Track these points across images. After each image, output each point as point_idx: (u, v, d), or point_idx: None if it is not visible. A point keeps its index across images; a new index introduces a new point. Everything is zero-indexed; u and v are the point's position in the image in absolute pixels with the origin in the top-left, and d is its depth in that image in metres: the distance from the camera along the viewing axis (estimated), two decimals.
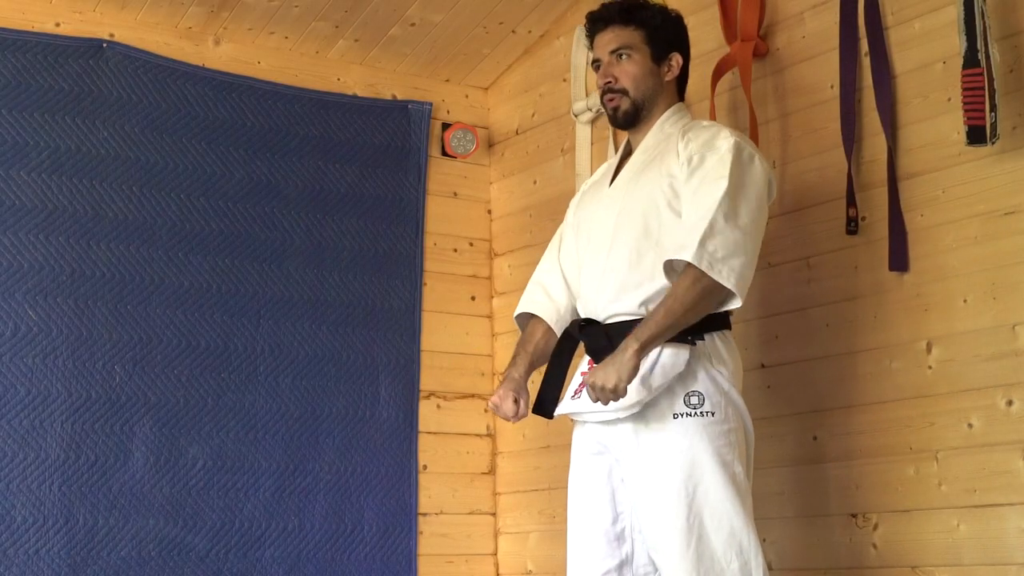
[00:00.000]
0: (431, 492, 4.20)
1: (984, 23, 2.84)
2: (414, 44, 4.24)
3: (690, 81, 3.85)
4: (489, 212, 4.49)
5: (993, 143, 2.84)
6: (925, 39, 3.13)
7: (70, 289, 3.70)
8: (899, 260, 3.11)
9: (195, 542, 3.77)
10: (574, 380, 2.93)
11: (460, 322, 4.38)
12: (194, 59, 4.01)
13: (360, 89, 4.31)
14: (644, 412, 2.75)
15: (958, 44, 2.89)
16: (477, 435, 4.34)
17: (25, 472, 3.56)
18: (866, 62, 3.23)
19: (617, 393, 2.65)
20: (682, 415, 2.74)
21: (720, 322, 2.83)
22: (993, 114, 2.82)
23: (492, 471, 4.34)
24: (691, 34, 3.78)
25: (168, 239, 3.87)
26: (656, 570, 2.82)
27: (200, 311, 3.88)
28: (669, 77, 3.05)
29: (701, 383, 2.76)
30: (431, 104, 4.40)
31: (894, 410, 3.11)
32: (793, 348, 3.36)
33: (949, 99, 3.05)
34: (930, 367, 3.05)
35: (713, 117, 3.53)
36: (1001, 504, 2.88)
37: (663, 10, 3.10)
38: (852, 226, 3.22)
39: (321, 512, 3.97)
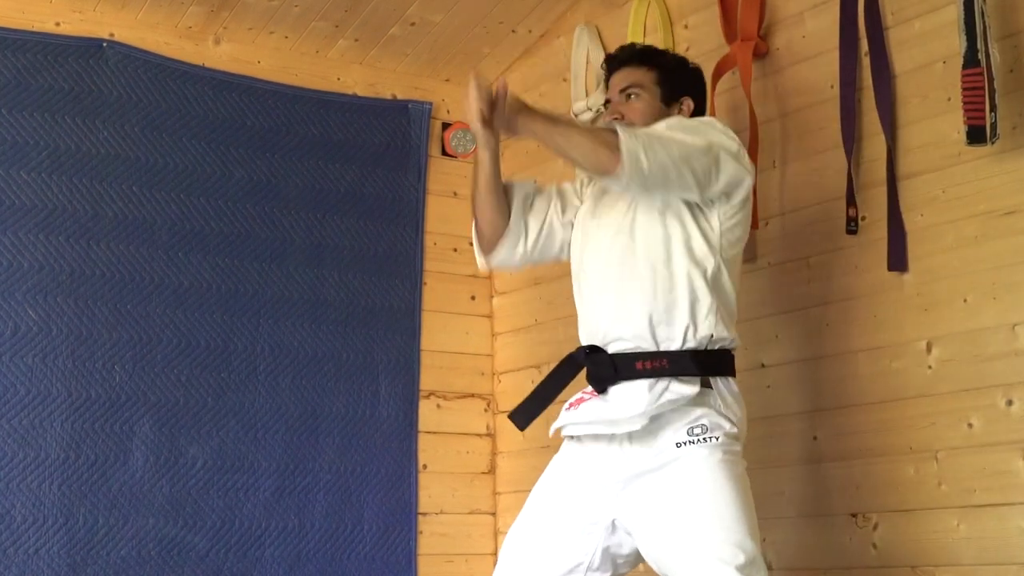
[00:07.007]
0: (431, 492, 4.20)
1: (984, 23, 2.83)
2: (414, 44, 4.24)
3: None
4: None
5: (993, 143, 2.84)
6: (925, 39, 3.12)
7: (70, 289, 3.70)
8: (899, 260, 3.11)
9: (195, 542, 3.76)
10: (570, 399, 2.82)
11: (460, 322, 4.37)
12: (194, 59, 4.01)
13: (360, 89, 4.31)
14: (645, 441, 2.69)
15: (958, 44, 2.89)
16: (477, 435, 4.34)
17: (25, 472, 3.56)
18: (866, 62, 3.23)
19: (479, 100, 2.67)
20: (685, 443, 2.66)
21: (726, 367, 2.76)
22: (993, 114, 2.81)
23: (492, 471, 4.34)
24: (691, 34, 3.79)
25: (168, 239, 3.87)
26: None
27: (200, 311, 3.88)
28: None
29: (706, 419, 2.68)
30: (431, 104, 4.39)
31: (894, 410, 3.11)
32: (793, 348, 3.36)
33: (949, 99, 3.04)
34: (930, 367, 3.05)
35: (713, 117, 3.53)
36: (1001, 504, 2.88)
37: (681, 58, 3.12)
38: (852, 226, 3.22)
39: (321, 512, 3.97)
